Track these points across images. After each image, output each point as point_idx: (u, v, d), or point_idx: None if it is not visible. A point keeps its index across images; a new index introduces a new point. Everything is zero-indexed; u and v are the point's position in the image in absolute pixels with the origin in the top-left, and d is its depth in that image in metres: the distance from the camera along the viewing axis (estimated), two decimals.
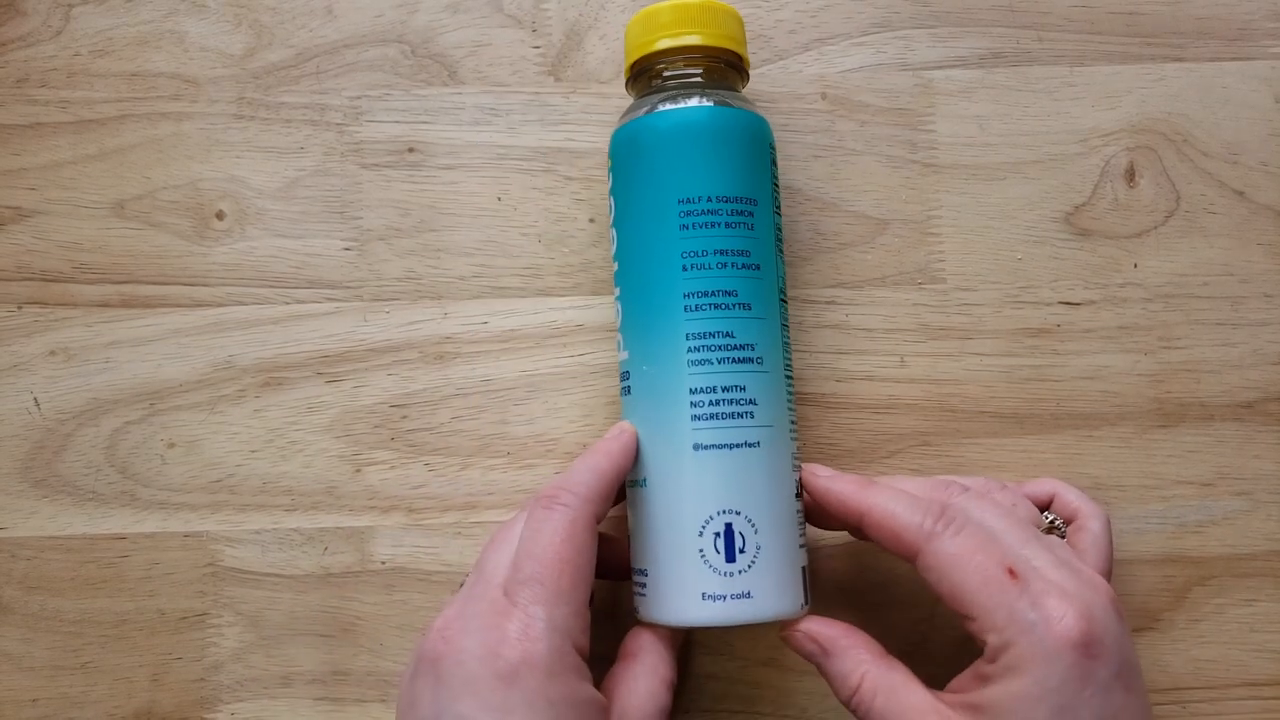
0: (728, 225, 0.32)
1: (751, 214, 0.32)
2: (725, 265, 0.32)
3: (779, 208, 0.34)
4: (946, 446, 0.37)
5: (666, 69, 0.34)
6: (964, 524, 0.29)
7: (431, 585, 0.36)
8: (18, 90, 0.39)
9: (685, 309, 0.31)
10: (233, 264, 0.38)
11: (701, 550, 0.31)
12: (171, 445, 0.37)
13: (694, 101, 0.33)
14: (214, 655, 0.36)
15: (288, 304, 0.38)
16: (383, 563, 0.37)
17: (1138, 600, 0.36)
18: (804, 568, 0.32)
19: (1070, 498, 0.34)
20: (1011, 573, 0.28)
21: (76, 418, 0.37)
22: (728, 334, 0.31)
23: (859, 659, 0.30)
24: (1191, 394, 0.37)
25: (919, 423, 0.37)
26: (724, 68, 0.34)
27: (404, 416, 0.37)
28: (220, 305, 0.38)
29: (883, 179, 0.38)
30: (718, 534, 0.31)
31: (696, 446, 0.31)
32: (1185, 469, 0.37)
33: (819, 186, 0.38)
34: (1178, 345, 0.37)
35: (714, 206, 0.32)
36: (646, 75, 0.34)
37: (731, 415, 0.31)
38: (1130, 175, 0.38)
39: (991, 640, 0.28)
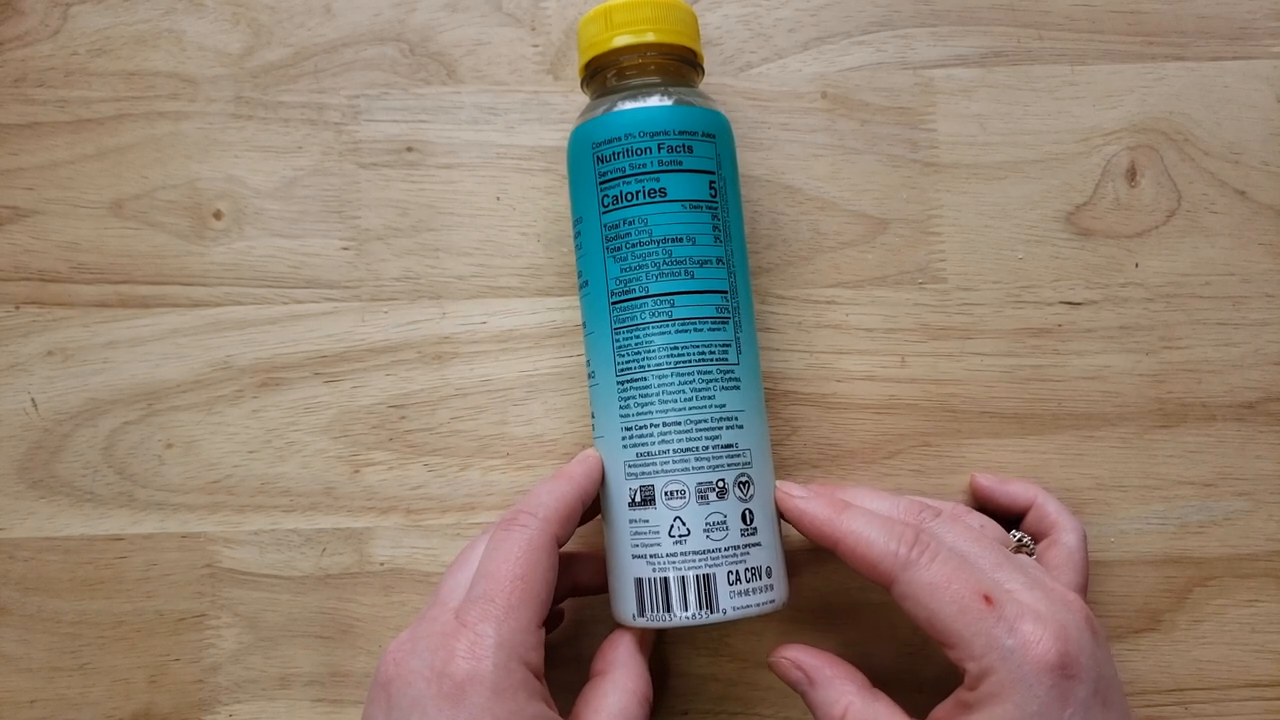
0: (578, 249, 0.34)
1: (580, 233, 0.33)
2: (580, 290, 0.34)
3: (613, 204, 0.32)
4: (947, 447, 0.37)
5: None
6: (937, 551, 0.29)
7: (430, 586, 0.36)
8: (15, 89, 0.38)
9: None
10: (230, 264, 0.38)
11: None
12: (169, 446, 0.37)
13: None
14: (212, 656, 0.36)
15: (285, 304, 0.38)
16: (381, 564, 0.36)
17: (1139, 601, 0.36)
18: (643, 579, 0.31)
19: (1049, 510, 0.34)
20: (987, 599, 0.28)
21: (74, 418, 0.37)
22: (588, 360, 0.34)
23: (843, 689, 0.30)
24: (1193, 394, 0.37)
25: (920, 423, 0.37)
26: (590, 75, 0.34)
27: (402, 417, 0.37)
28: (218, 305, 0.38)
29: (883, 178, 0.38)
30: None
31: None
32: (1187, 469, 0.37)
33: (819, 186, 0.38)
34: (1179, 345, 0.37)
35: (573, 232, 0.34)
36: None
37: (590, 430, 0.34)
38: (1131, 175, 0.38)
39: (971, 668, 0.28)
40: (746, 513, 0.31)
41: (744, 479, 0.32)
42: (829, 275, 0.37)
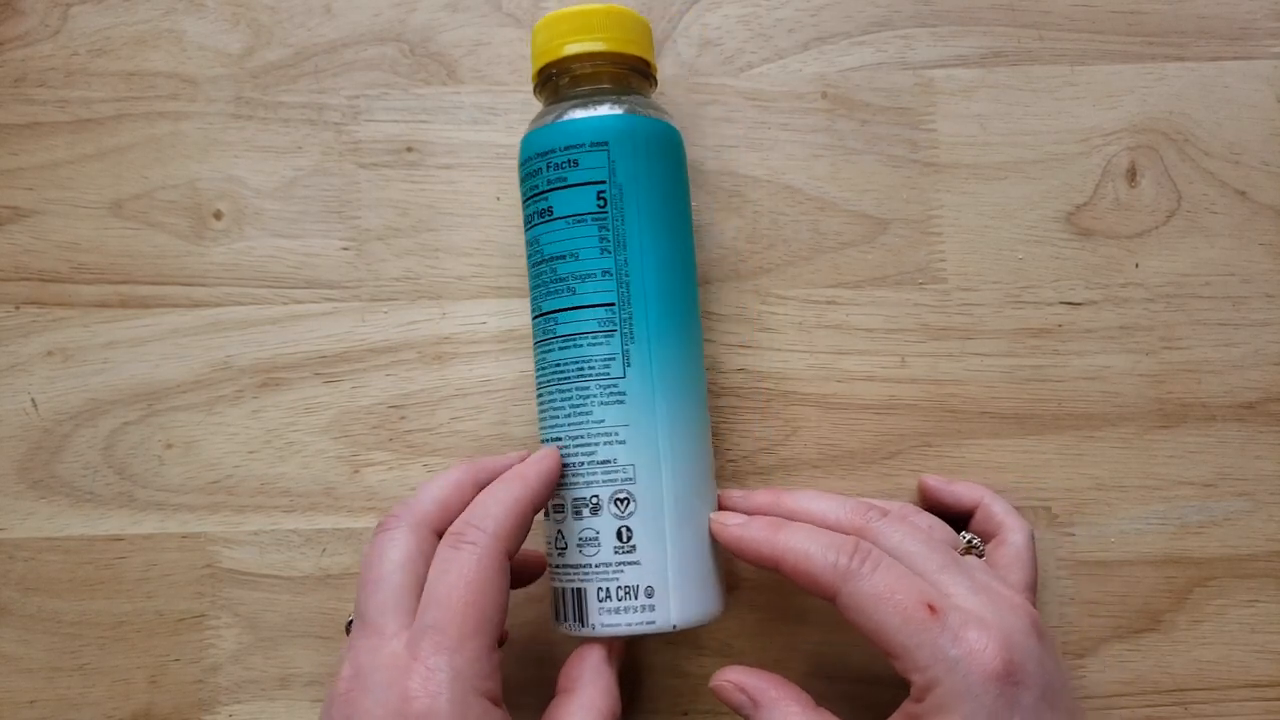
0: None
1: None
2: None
3: (526, 227, 0.33)
4: (947, 447, 0.37)
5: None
6: (879, 560, 0.29)
7: None
8: (15, 90, 0.38)
9: None
10: (231, 264, 0.38)
11: None
12: (169, 446, 0.37)
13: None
14: (212, 657, 0.36)
15: (286, 304, 0.38)
16: None
17: (1139, 601, 0.36)
18: (568, 590, 0.31)
19: (995, 510, 0.34)
20: (931, 608, 0.28)
21: (74, 418, 0.37)
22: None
23: (788, 710, 0.30)
24: (1193, 394, 0.37)
25: (920, 423, 0.37)
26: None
27: (402, 417, 0.37)
28: (218, 305, 0.38)
29: (883, 178, 0.38)
30: None
31: None
32: (1187, 469, 0.37)
33: (819, 186, 0.38)
34: (1179, 345, 0.37)
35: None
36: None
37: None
38: (1131, 175, 0.38)
39: (916, 679, 0.28)
40: (623, 530, 0.31)
41: (622, 496, 0.31)
42: (829, 275, 0.37)
